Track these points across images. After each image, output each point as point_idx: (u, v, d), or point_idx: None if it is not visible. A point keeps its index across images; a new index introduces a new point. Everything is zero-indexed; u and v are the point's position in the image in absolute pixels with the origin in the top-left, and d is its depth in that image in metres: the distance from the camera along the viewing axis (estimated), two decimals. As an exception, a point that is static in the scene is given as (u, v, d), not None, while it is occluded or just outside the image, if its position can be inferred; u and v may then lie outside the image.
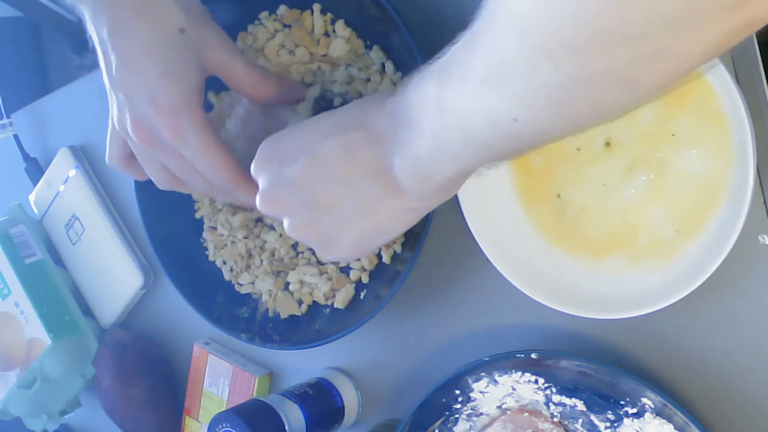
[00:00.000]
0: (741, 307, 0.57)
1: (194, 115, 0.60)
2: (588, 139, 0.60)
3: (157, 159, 0.64)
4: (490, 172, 0.51)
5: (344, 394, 0.73)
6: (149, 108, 0.59)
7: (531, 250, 0.63)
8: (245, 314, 0.74)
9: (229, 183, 0.63)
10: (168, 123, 0.60)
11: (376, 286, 0.68)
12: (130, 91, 0.60)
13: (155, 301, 0.87)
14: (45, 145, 0.96)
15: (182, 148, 0.61)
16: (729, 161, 0.55)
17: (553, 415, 0.62)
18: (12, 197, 0.94)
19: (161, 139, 0.60)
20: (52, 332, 0.83)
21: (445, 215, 0.66)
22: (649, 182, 0.58)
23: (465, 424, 0.65)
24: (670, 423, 0.57)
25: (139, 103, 0.60)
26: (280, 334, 0.72)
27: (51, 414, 0.87)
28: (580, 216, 0.61)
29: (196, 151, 0.61)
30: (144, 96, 0.59)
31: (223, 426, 0.66)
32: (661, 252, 0.58)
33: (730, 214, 0.53)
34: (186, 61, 0.60)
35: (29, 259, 0.88)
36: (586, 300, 0.60)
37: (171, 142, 0.60)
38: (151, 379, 0.83)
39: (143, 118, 0.60)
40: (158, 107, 0.59)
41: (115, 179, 0.89)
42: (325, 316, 0.70)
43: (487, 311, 0.67)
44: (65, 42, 1.61)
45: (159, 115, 0.59)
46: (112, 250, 0.87)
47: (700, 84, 0.55)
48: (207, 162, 0.61)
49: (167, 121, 0.59)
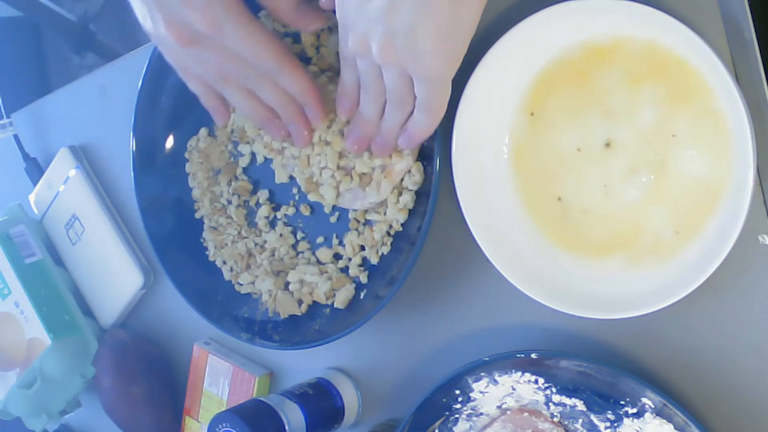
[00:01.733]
0: (741, 307, 0.57)
1: (228, 2, 0.59)
2: (588, 139, 0.60)
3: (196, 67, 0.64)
4: (491, 174, 0.51)
5: (344, 394, 0.73)
6: (181, 7, 0.59)
7: (531, 250, 0.63)
8: (245, 314, 0.74)
9: (276, 61, 0.63)
10: (204, 14, 0.59)
11: (376, 286, 0.68)
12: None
13: (155, 301, 0.87)
14: (45, 145, 0.96)
15: (222, 37, 0.61)
16: (729, 161, 0.55)
17: (553, 415, 0.62)
18: (12, 197, 0.94)
19: (198, 34, 0.60)
20: (52, 332, 0.84)
21: (445, 215, 0.67)
22: (649, 183, 0.58)
23: (465, 424, 0.65)
24: (670, 423, 0.57)
25: (169, 6, 0.59)
26: (280, 334, 0.72)
27: (51, 414, 0.87)
28: (581, 217, 0.61)
29: (237, 37, 0.61)
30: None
31: (223, 426, 0.66)
32: (662, 252, 0.58)
33: (730, 214, 0.53)
34: None
35: (29, 259, 0.88)
36: (586, 300, 0.60)
37: (209, 33, 0.60)
38: (151, 379, 0.83)
39: (177, 16, 0.59)
40: (191, 4, 0.59)
41: (115, 179, 0.89)
42: (325, 316, 0.70)
43: (487, 311, 0.67)
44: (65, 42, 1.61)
45: (192, 8, 0.59)
46: (112, 250, 0.87)
47: (700, 84, 0.55)
48: (249, 44, 0.61)
49: (202, 12, 0.59)
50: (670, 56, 0.56)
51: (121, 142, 0.78)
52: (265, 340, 0.72)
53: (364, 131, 0.65)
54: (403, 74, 0.58)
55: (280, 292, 0.72)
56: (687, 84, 0.56)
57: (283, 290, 0.72)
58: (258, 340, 0.72)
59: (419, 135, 0.62)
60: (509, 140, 0.63)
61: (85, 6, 1.96)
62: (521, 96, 0.62)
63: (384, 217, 0.67)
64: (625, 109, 0.58)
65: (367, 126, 0.64)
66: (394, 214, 0.67)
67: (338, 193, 0.69)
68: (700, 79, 0.55)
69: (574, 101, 0.60)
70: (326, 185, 0.69)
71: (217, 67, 0.64)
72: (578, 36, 0.59)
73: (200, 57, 0.63)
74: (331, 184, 0.68)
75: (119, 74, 0.88)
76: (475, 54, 0.61)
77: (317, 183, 0.70)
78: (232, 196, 0.76)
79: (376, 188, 0.67)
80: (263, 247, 0.74)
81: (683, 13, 0.55)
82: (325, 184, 0.69)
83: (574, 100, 0.60)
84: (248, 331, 0.73)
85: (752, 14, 0.55)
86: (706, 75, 0.55)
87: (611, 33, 0.58)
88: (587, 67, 0.59)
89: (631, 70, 0.58)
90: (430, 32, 0.53)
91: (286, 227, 0.74)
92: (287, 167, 0.72)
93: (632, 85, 0.58)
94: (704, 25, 0.55)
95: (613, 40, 0.58)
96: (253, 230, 0.75)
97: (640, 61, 0.57)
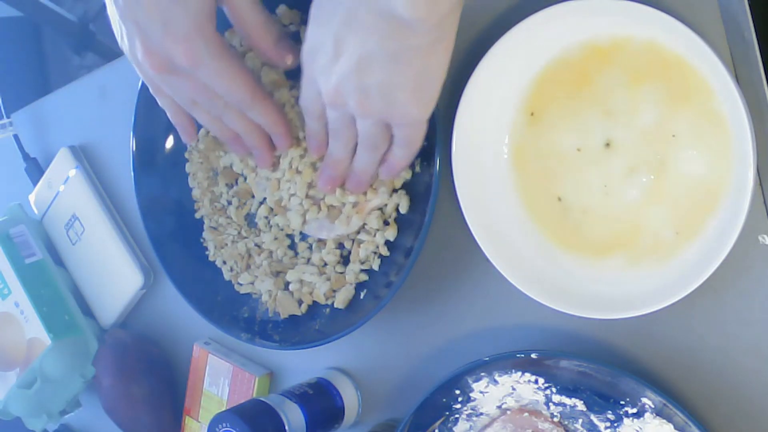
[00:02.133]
0: (741, 307, 0.57)
1: (209, 37, 0.60)
2: (588, 140, 0.60)
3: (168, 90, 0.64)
4: (491, 173, 0.51)
5: (344, 394, 0.73)
6: (163, 35, 0.59)
7: (531, 250, 0.63)
8: (245, 314, 0.74)
9: (248, 97, 0.64)
10: (184, 48, 0.60)
11: (376, 286, 0.68)
12: (141, 19, 0.59)
13: (155, 301, 0.87)
14: (45, 145, 0.96)
15: (199, 71, 0.61)
16: (729, 161, 0.55)
17: (553, 415, 0.62)
18: (12, 197, 0.94)
19: (176, 65, 0.61)
20: (52, 332, 0.84)
21: (444, 215, 0.67)
22: (649, 183, 0.58)
23: (465, 424, 0.65)
24: (670, 423, 0.57)
25: (151, 32, 0.60)
26: (280, 334, 0.72)
27: (51, 414, 0.87)
28: (581, 217, 0.61)
29: (214, 72, 0.61)
30: (156, 23, 0.59)
31: (223, 426, 0.66)
32: (662, 252, 0.58)
33: (730, 214, 0.53)
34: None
35: (29, 259, 0.88)
36: (586, 300, 0.60)
37: (187, 67, 0.61)
38: (151, 379, 0.83)
39: (156, 45, 0.60)
40: (172, 33, 0.59)
41: (115, 179, 0.89)
42: (325, 316, 0.70)
43: (487, 311, 0.67)
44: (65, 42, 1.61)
45: (174, 42, 0.59)
46: (112, 250, 0.87)
47: (700, 84, 0.55)
48: (226, 81, 0.62)
49: (183, 47, 0.59)
50: (670, 56, 0.56)
51: (121, 142, 0.78)
52: (265, 340, 0.72)
53: (336, 171, 0.66)
54: (380, 122, 0.59)
55: (280, 292, 0.72)
56: (687, 84, 0.56)
57: (282, 290, 0.72)
58: (258, 340, 0.72)
59: (400, 165, 0.64)
60: (509, 140, 0.63)
61: (85, 6, 1.96)
62: (521, 96, 0.62)
63: (372, 238, 0.68)
64: (625, 109, 0.58)
65: (339, 166, 0.65)
66: (381, 239, 0.67)
67: (305, 221, 0.70)
68: (700, 79, 0.55)
69: (574, 101, 0.60)
70: (293, 212, 0.70)
71: (188, 93, 0.65)
72: (578, 36, 0.59)
73: (173, 83, 0.64)
74: (299, 211, 0.70)
75: (119, 74, 0.88)
76: (475, 54, 0.61)
77: (285, 207, 0.71)
78: (232, 198, 0.76)
79: (346, 222, 0.68)
80: (262, 248, 0.74)
81: (683, 13, 0.55)
82: (293, 210, 0.70)
83: (574, 100, 0.60)
84: (248, 331, 0.73)
85: (752, 14, 0.55)
86: (706, 75, 0.55)
87: (611, 33, 0.58)
88: (587, 67, 0.59)
89: (631, 70, 0.58)
90: (403, 84, 0.55)
91: (281, 231, 0.74)
92: (260, 185, 0.73)
93: (632, 85, 0.58)
94: (704, 25, 0.55)
95: (613, 40, 0.58)
96: (252, 230, 0.75)
97: (640, 61, 0.57)
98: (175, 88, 0.64)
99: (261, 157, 0.70)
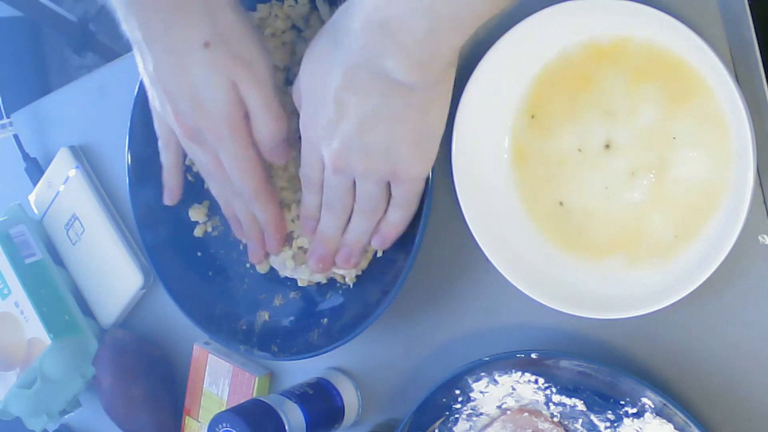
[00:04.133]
0: (741, 307, 0.57)
1: (235, 124, 0.62)
2: (589, 140, 0.60)
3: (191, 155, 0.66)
4: (491, 175, 0.52)
5: (344, 394, 0.73)
6: (191, 109, 0.61)
7: (531, 250, 0.63)
8: (243, 327, 0.74)
9: (254, 190, 0.65)
10: (209, 127, 0.61)
11: (375, 287, 0.68)
12: (171, 88, 0.61)
13: (155, 301, 0.87)
14: (45, 145, 0.96)
15: (220, 151, 0.63)
16: (729, 162, 0.55)
17: (553, 415, 0.62)
18: (12, 197, 0.94)
19: (203, 137, 0.62)
20: (52, 332, 0.84)
21: (445, 215, 0.66)
22: (650, 185, 0.58)
23: (465, 424, 0.65)
24: (670, 423, 0.57)
25: (180, 102, 0.61)
26: (279, 345, 0.71)
27: (51, 414, 0.87)
28: (582, 218, 0.61)
29: (231, 156, 0.63)
30: (186, 96, 0.60)
31: (223, 426, 0.66)
32: (662, 252, 0.58)
33: (730, 215, 0.53)
34: (218, 73, 0.60)
35: (29, 259, 0.88)
36: (586, 300, 0.60)
37: (211, 142, 0.63)
38: (151, 379, 0.83)
39: (185, 115, 0.61)
40: (201, 110, 0.61)
41: (115, 179, 0.89)
42: (323, 326, 0.70)
43: (487, 311, 0.67)
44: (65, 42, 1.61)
45: (202, 118, 0.61)
46: (112, 250, 0.87)
47: (700, 84, 0.55)
48: (238, 167, 0.64)
49: (209, 125, 0.61)
50: (670, 56, 0.56)
51: (120, 142, 0.78)
52: (264, 351, 0.72)
53: (328, 250, 0.66)
54: (381, 181, 0.60)
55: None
56: (687, 84, 0.56)
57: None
58: (257, 351, 0.72)
59: (394, 232, 0.64)
60: (509, 141, 0.63)
61: (85, 6, 1.96)
62: (521, 96, 0.62)
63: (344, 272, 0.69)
64: (625, 109, 0.58)
65: (330, 244, 0.65)
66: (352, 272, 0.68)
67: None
68: (700, 79, 0.55)
69: (574, 101, 0.60)
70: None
71: (204, 166, 0.66)
72: (578, 36, 0.59)
73: (197, 152, 0.65)
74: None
75: (119, 74, 0.88)
76: (475, 54, 0.61)
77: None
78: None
79: (308, 273, 0.69)
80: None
81: (683, 13, 0.55)
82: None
83: (574, 100, 0.60)
84: (246, 342, 0.73)
85: (752, 14, 0.55)
86: (706, 75, 0.55)
87: (611, 33, 0.58)
88: (587, 67, 0.59)
89: (631, 70, 0.58)
90: (404, 139, 0.57)
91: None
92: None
93: (632, 85, 0.58)
94: (704, 25, 0.55)
95: (613, 40, 0.58)
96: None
97: (640, 61, 0.57)
98: (198, 157, 0.66)
99: (252, 250, 0.71)
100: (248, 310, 0.74)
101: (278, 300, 0.73)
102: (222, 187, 0.68)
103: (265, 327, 0.73)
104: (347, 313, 0.69)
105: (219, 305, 0.75)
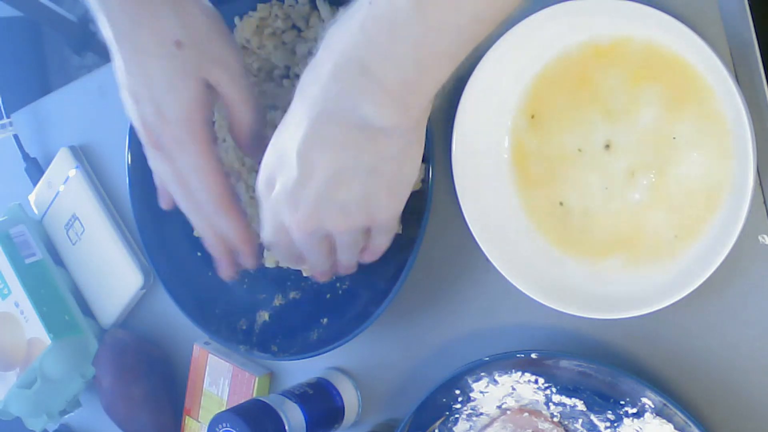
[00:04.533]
0: (741, 307, 0.57)
1: (196, 128, 0.59)
2: (589, 140, 0.60)
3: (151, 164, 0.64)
4: (491, 175, 0.51)
5: (344, 394, 0.73)
6: (153, 115, 0.59)
7: (531, 250, 0.63)
8: (243, 326, 0.74)
9: (213, 203, 0.62)
10: (169, 133, 0.59)
11: (375, 287, 0.68)
12: (137, 95, 0.60)
13: (155, 301, 0.87)
14: (45, 145, 0.96)
15: (178, 160, 0.60)
16: (729, 162, 0.55)
17: (553, 415, 0.62)
18: (12, 197, 0.94)
19: (162, 144, 0.60)
20: (52, 332, 0.84)
21: (445, 215, 0.66)
22: (650, 185, 0.58)
23: (465, 424, 0.65)
24: (670, 423, 0.57)
25: (144, 108, 0.60)
26: (278, 344, 0.72)
27: (51, 414, 0.87)
28: (582, 219, 0.61)
29: (191, 166, 0.60)
30: (149, 102, 0.59)
31: (223, 426, 0.66)
32: (662, 252, 0.58)
33: (730, 215, 0.53)
34: (186, 75, 0.59)
35: (29, 259, 0.88)
36: (586, 300, 0.60)
37: (169, 150, 0.60)
38: (151, 379, 0.83)
39: (148, 122, 0.60)
40: (162, 116, 0.59)
41: (115, 179, 0.89)
42: (323, 326, 0.70)
43: (487, 311, 0.67)
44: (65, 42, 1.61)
45: (162, 124, 0.59)
46: (112, 250, 0.87)
47: (700, 84, 0.55)
48: (197, 179, 0.61)
49: (169, 131, 0.59)
50: (670, 56, 0.56)
51: (120, 142, 0.78)
52: (263, 352, 0.72)
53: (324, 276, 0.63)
54: (359, 231, 0.57)
55: None
56: (687, 84, 0.56)
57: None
58: (256, 351, 0.72)
59: (382, 248, 0.61)
60: (509, 141, 0.63)
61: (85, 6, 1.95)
62: (521, 96, 0.62)
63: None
64: (625, 109, 0.58)
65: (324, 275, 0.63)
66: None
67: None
68: (700, 79, 0.55)
69: (574, 101, 0.60)
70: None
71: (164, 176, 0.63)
72: (578, 36, 0.59)
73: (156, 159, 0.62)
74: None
75: (119, 74, 0.88)
76: (475, 54, 0.61)
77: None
78: None
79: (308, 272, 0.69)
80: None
81: (683, 13, 0.55)
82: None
83: (574, 100, 0.60)
84: (246, 342, 0.73)
85: (752, 14, 0.55)
86: (706, 75, 0.55)
87: (611, 33, 0.58)
88: (587, 67, 0.59)
89: (631, 70, 0.58)
90: (381, 190, 0.54)
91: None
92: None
93: (632, 85, 0.58)
94: (704, 25, 0.55)
95: (613, 40, 0.58)
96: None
97: (640, 61, 0.57)
98: (157, 166, 0.63)
99: (221, 268, 0.67)
100: (248, 310, 0.74)
101: (278, 300, 0.73)
102: (185, 201, 0.63)
103: (265, 327, 0.73)
104: (347, 313, 0.69)
105: (219, 305, 0.75)
